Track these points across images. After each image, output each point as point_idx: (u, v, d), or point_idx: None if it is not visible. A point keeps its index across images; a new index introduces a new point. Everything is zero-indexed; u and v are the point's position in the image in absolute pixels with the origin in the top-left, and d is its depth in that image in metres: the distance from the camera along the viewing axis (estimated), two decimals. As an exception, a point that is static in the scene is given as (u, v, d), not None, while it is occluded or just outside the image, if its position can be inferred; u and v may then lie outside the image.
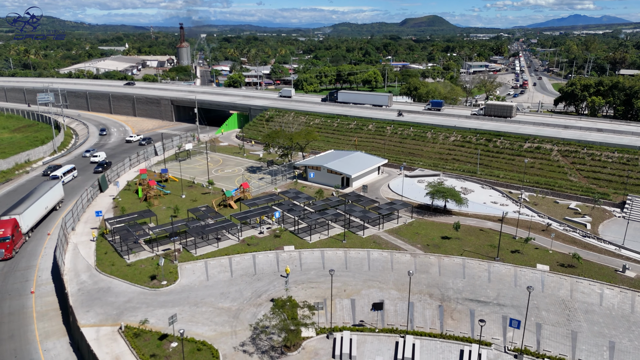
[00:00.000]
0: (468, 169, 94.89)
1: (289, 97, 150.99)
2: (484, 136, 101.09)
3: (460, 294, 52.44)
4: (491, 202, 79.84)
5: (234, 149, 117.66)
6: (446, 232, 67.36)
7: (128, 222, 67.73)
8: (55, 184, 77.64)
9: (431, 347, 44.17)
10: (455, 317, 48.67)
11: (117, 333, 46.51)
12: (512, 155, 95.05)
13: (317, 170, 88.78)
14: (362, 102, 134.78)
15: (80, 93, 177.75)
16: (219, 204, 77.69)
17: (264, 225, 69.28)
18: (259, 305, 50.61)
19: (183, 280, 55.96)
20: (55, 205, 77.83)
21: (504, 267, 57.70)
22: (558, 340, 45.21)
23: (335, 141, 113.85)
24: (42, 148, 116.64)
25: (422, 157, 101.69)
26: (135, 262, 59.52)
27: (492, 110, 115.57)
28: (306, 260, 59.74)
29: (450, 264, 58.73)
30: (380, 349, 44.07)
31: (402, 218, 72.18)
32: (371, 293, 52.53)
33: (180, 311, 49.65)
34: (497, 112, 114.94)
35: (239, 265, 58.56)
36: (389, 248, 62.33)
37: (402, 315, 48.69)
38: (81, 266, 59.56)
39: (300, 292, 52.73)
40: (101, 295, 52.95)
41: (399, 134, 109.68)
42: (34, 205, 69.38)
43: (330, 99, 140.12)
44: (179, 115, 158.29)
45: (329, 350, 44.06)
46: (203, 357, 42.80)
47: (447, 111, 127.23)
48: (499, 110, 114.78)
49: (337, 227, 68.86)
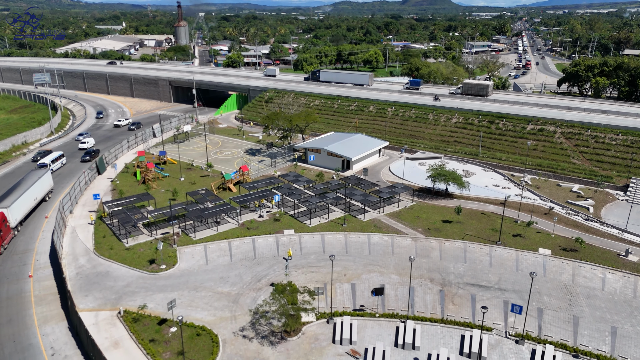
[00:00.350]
0: (470, 151, 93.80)
1: (274, 76, 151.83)
2: (487, 118, 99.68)
3: (462, 279, 52.05)
4: (493, 185, 79.02)
5: (232, 130, 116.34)
6: (447, 215, 66.73)
7: (126, 205, 67.04)
8: (44, 174, 73.53)
9: (432, 332, 43.93)
10: (457, 302, 48.35)
11: (116, 318, 46.23)
12: (514, 137, 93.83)
13: (317, 153, 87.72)
14: (343, 81, 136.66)
15: (77, 73, 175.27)
16: (217, 187, 76.90)
17: (264, 209, 68.61)
18: (259, 290, 50.25)
19: (182, 264, 55.53)
20: (45, 196, 74.19)
21: (506, 251, 57.22)
22: (560, 325, 44.94)
23: (335, 123, 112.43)
24: (39, 129, 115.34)
25: (423, 140, 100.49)
26: (134, 246, 59.01)
27: (469, 89, 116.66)
28: (306, 244, 59.23)
29: (452, 248, 58.24)
30: (380, 334, 43.82)
31: (403, 201, 71.48)
32: (372, 277, 52.13)
33: (180, 296, 49.32)
34: (474, 91, 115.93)
35: (238, 249, 58.07)
36: (390, 232, 61.78)
37: (403, 300, 48.36)
38: (79, 250, 59.08)
39: (300, 276, 52.33)
40: (100, 280, 52.57)
41: (400, 115, 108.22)
42: (22, 197, 65.07)
43: (313, 78, 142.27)
44: (177, 96, 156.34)
45: (329, 335, 43.83)
46: (202, 342, 42.57)
47: (425, 90, 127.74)
48: (476, 89, 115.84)
49: (338, 211, 68.21)
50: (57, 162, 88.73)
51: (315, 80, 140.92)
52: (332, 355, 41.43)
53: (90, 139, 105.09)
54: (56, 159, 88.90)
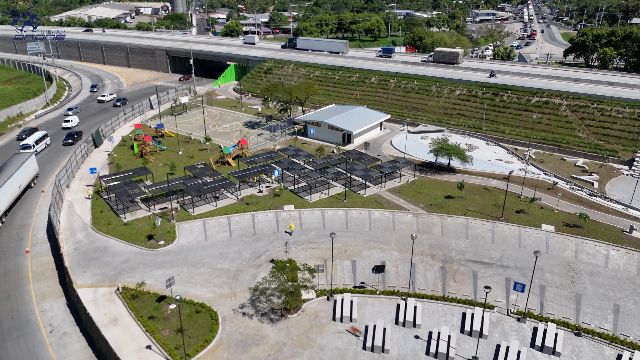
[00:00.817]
0: (473, 124, 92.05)
1: (253, 44, 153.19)
2: (491, 90, 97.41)
3: (463, 255, 51.50)
4: (496, 159, 77.72)
5: (231, 102, 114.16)
6: (450, 191, 65.76)
7: (123, 180, 66.00)
8: (28, 158, 67.19)
9: (433, 310, 43.60)
10: (458, 279, 47.91)
11: (114, 294, 45.88)
12: (519, 110, 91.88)
13: (317, 126, 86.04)
14: (319, 48, 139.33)
15: (72, 42, 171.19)
16: (216, 161, 75.66)
17: (263, 184, 67.60)
18: (259, 267, 49.76)
19: (181, 240, 54.92)
20: (30, 182, 68.68)
21: (508, 227, 56.50)
22: (562, 303, 44.59)
23: (336, 95, 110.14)
24: (34, 101, 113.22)
25: (426, 112, 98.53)
26: (132, 221, 58.28)
27: (440, 57, 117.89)
28: (306, 220, 58.48)
29: (453, 224, 57.51)
30: (381, 311, 43.51)
31: (404, 176, 70.38)
32: (372, 254, 51.57)
33: (179, 272, 48.88)
34: (445, 59, 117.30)
35: (237, 225, 57.37)
36: (391, 208, 60.94)
37: (404, 277, 47.91)
38: (77, 225, 58.40)
39: (300, 252, 51.77)
40: (98, 255, 52.06)
41: (403, 87, 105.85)
42: (5, 184, 59.76)
43: (290, 45, 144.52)
44: (174, 66, 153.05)
45: (329, 312, 43.52)
46: (202, 320, 42.29)
47: (397, 58, 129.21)
48: (446, 57, 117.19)
49: (338, 186, 67.19)
50: (41, 142, 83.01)
51: (293, 47, 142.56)
52: (332, 332, 41.20)
53: (74, 117, 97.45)
54: (40, 139, 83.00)
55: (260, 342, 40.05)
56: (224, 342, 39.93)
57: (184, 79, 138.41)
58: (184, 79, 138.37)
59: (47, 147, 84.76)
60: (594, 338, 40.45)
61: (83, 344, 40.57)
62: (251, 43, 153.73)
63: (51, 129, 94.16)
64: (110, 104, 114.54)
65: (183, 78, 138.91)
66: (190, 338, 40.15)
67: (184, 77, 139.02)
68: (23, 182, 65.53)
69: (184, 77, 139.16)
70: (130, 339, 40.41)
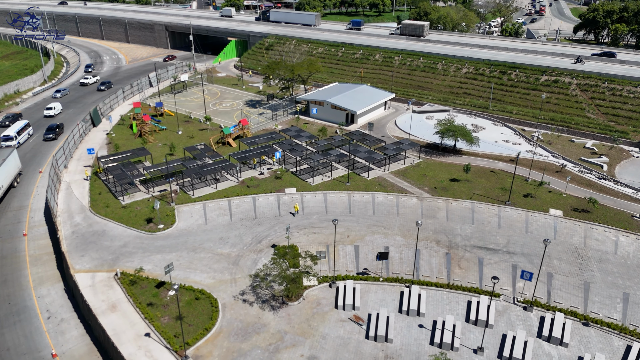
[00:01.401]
0: (480, 104, 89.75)
1: (230, 17, 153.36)
2: (498, 68, 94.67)
3: (469, 241, 50.34)
4: (503, 140, 75.87)
5: (232, 80, 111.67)
6: (455, 173, 64.21)
7: (122, 160, 64.61)
8: (10, 154, 60.58)
9: (437, 298, 42.68)
10: (463, 265, 46.86)
11: (113, 280, 45.08)
12: (527, 89, 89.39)
13: (319, 106, 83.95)
14: (292, 20, 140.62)
15: (70, 17, 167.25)
16: (216, 142, 74.06)
17: (264, 166, 66.14)
18: (260, 252, 48.77)
19: (180, 223, 53.86)
20: (13, 181, 61.70)
21: (515, 212, 55.16)
22: (570, 291, 43.58)
23: (339, 72, 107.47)
24: (31, 77, 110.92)
25: (431, 91, 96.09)
26: (131, 204, 57.16)
27: (407, 30, 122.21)
28: (308, 203, 57.22)
29: (459, 208, 56.20)
30: (384, 299, 42.61)
31: (409, 158, 68.76)
32: (375, 239, 50.46)
33: (178, 257, 47.96)
34: (411, 32, 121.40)
35: (238, 209, 56.20)
36: (395, 191, 59.56)
37: (408, 264, 46.89)
38: (75, 207, 57.35)
39: (302, 237, 50.69)
40: (96, 239, 51.13)
41: (408, 65, 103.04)
42: None
43: (263, 17, 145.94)
44: (174, 42, 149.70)
45: (332, 300, 42.66)
46: (202, 307, 41.50)
47: (367, 30, 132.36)
48: (412, 30, 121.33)
49: (341, 169, 65.70)
50: (23, 132, 75.44)
51: (266, 20, 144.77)
52: (334, 320, 40.40)
53: (57, 104, 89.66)
54: (22, 129, 75.39)
55: (261, 331, 39.31)
56: (223, 330, 39.21)
57: (169, 60, 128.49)
58: (168, 60, 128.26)
59: (31, 138, 77.47)
60: (602, 328, 39.56)
61: (81, 331, 39.92)
62: (228, 16, 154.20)
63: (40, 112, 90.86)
64: (94, 87, 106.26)
65: (167, 59, 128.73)
66: (189, 326, 39.42)
67: (169, 58, 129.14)
68: (5, 183, 58.78)
69: (168, 58, 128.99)
70: (128, 326, 39.71)
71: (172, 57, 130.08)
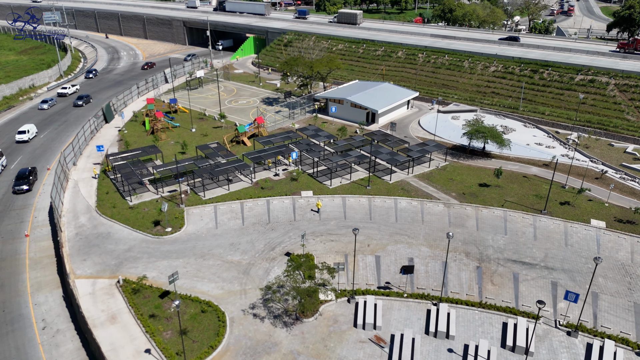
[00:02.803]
0: (509, 104, 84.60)
1: (195, 8, 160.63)
2: (529, 66, 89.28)
3: (502, 254, 45.78)
4: (535, 143, 70.74)
5: (249, 77, 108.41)
6: (484, 178, 59.56)
7: (132, 159, 61.70)
8: None
9: (468, 318, 38.34)
10: (497, 281, 42.37)
11: (114, 287, 41.91)
12: (560, 89, 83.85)
13: (339, 104, 79.95)
14: (245, 10, 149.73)
15: (89, 12, 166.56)
16: (230, 141, 70.70)
17: (280, 167, 62.47)
18: (273, 260, 45.07)
19: (189, 227, 50.52)
20: None
21: (552, 222, 50.32)
22: (618, 314, 38.77)
23: (360, 70, 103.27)
24: (47, 72, 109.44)
25: (457, 90, 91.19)
26: (138, 205, 54.09)
27: (343, 18, 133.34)
28: (325, 208, 53.30)
29: (490, 216, 51.61)
30: (409, 317, 38.46)
31: (434, 161, 64.29)
32: (398, 249, 46.29)
33: (185, 264, 44.57)
34: (346, 20, 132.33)
35: (251, 212, 52.62)
36: (419, 196, 55.23)
37: (435, 278, 42.61)
38: (81, 207, 54.55)
39: (319, 245, 46.82)
40: (100, 242, 48.12)
41: (432, 62, 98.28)
42: None
43: (220, 8, 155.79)
44: (192, 38, 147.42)
45: (350, 317, 38.69)
46: (208, 321, 37.97)
47: (312, 19, 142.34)
48: (347, 18, 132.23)
49: (361, 171, 61.63)
50: None
51: (223, 10, 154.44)
52: (353, 341, 36.43)
53: (31, 127, 73.32)
54: None
55: (271, 350, 35.56)
56: (231, 349, 35.58)
57: (148, 67, 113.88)
58: (147, 67, 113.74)
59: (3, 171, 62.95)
60: (659, 359, 34.76)
61: (77, 344, 36.75)
62: (193, 7, 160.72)
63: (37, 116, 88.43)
64: (71, 98, 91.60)
65: (146, 66, 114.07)
66: (194, 342, 35.91)
67: (147, 66, 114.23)
68: None
69: (147, 66, 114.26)
70: (128, 340, 36.39)
71: (151, 65, 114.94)
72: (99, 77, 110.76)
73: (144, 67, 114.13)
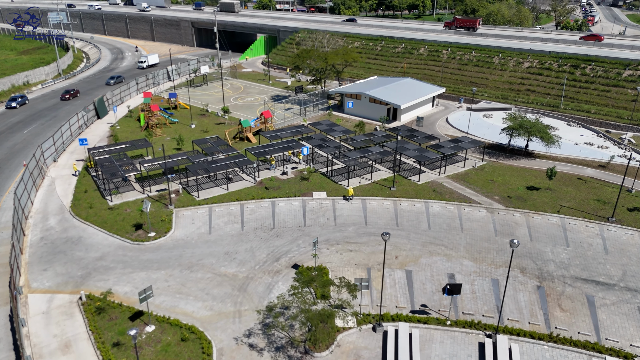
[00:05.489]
0: (548, 102, 75.17)
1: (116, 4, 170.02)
2: (569, 62, 79.95)
3: (567, 270, 36.11)
4: (584, 143, 61.11)
5: (258, 75, 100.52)
6: (531, 180, 50.06)
7: (118, 153, 53.47)
8: None
9: (537, 356, 28.65)
10: (566, 306, 32.66)
11: (75, 305, 33.05)
12: (607, 85, 74.29)
13: (356, 100, 71.29)
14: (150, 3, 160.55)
15: (96, 14, 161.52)
16: (234, 137, 62.23)
17: (288, 165, 53.69)
18: (276, 274, 35.95)
19: (178, 231, 41.74)
20: None
21: (625, 232, 40.57)
22: None
23: (377, 68, 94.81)
24: (43, 69, 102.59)
25: (486, 88, 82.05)
26: (120, 205, 45.53)
27: (223, 7, 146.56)
28: (342, 212, 44.19)
29: (544, 224, 42.01)
30: (456, 354, 28.88)
31: (469, 160, 54.99)
32: (434, 263, 36.89)
33: (167, 277, 35.66)
34: (225, 8, 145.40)
35: (253, 215, 43.71)
36: (455, 200, 45.87)
37: (485, 300, 33.07)
38: (53, 207, 46.17)
39: (334, 256, 37.63)
40: (68, 248, 39.49)
41: (458, 59, 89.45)
42: None
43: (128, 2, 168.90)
44: (200, 39, 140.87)
45: (377, 350, 29.26)
46: (188, 352, 28.80)
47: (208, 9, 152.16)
48: (226, 7, 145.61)
49: (383, 170, 52.57)
50: None
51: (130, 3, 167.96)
52: (381, 385, 26.97)
53: None
54: None
55: (271, 396, 26.26)
56: (216, 393, 26.33)
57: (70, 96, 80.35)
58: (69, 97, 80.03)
59: None
60: None
61: (14, 382, 27.83)
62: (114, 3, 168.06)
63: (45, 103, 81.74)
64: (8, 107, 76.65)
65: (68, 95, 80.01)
66: (167, 383, 26.76)
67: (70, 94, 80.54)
68: None
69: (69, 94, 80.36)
70: (81, 377, 27.38)
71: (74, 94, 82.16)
72: (97, 75, 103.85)
73: (64, 97, 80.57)
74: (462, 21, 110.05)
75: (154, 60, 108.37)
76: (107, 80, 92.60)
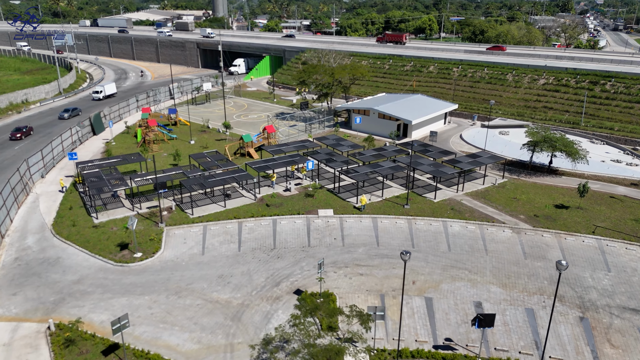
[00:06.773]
0: (567, 119, 71.15)
1: None
2: (587, 78, 76.29)
3: (612, 299, 31.21)
4: (611, 160, 56.68)
5: (262, 94, 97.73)
6: (559, 198, 45.51)
7: (108, 167, 49.65)
8: None
9: (589, 405, 23.61)
10: (617, 341, 27.67)
11: (42, 336, 28.50)
12: (629, 102, 70.32)
13: (364, 115, 67.64)
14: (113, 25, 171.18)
15: (102, 37, 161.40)
16: (235, 152, 58.48)
17: (292, 180, 49.54)
18: (276, 300, 31.31)
19: (167, 252, 37.37)
20: None
21: (672, 255, 35.71)
22: None
23: (386, 86, 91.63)
24: (43, 87, 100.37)
25: (500, 105, 78.27)
26: (106, 223, 41.38)
27: (179, 26, 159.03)
28: (351, 231, 39.73)
29: (579, 246, 37.28)
30: (490, 400, 23.90)
31: (488, 177, 50.62)
32: (458, 289, 32.14)
33: (152, 303, 31.12)
34: (181, 27, 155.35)
35: (251, 234, 39.34)
36: (477, 219, 41.35)
37: (519, 334, 28.16)
38: (33, 225, 42.08)
39: (343, 281, 32.99)
40: (43, 270, 35.18)
41: (470, 76, 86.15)
42: None
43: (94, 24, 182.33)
44: (205, 60, 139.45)
45: (395, 395, 24.34)
46: (169, 395, 24.04)
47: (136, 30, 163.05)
48: (181, 26, 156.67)
49: (395, 187, 48.27)
50: None
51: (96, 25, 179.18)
52: None
53: None
54: None
55: None
56: None
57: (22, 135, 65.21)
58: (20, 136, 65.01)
59: None
60: None
61: None
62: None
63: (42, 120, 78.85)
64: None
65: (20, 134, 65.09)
66: None
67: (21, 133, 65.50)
68: None
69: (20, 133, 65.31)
70: None
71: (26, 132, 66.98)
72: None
73: (13, 137, 65.95)
74: (391, 36, 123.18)
75: (111, 90, 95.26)
76: (61, 114, 77.20)
